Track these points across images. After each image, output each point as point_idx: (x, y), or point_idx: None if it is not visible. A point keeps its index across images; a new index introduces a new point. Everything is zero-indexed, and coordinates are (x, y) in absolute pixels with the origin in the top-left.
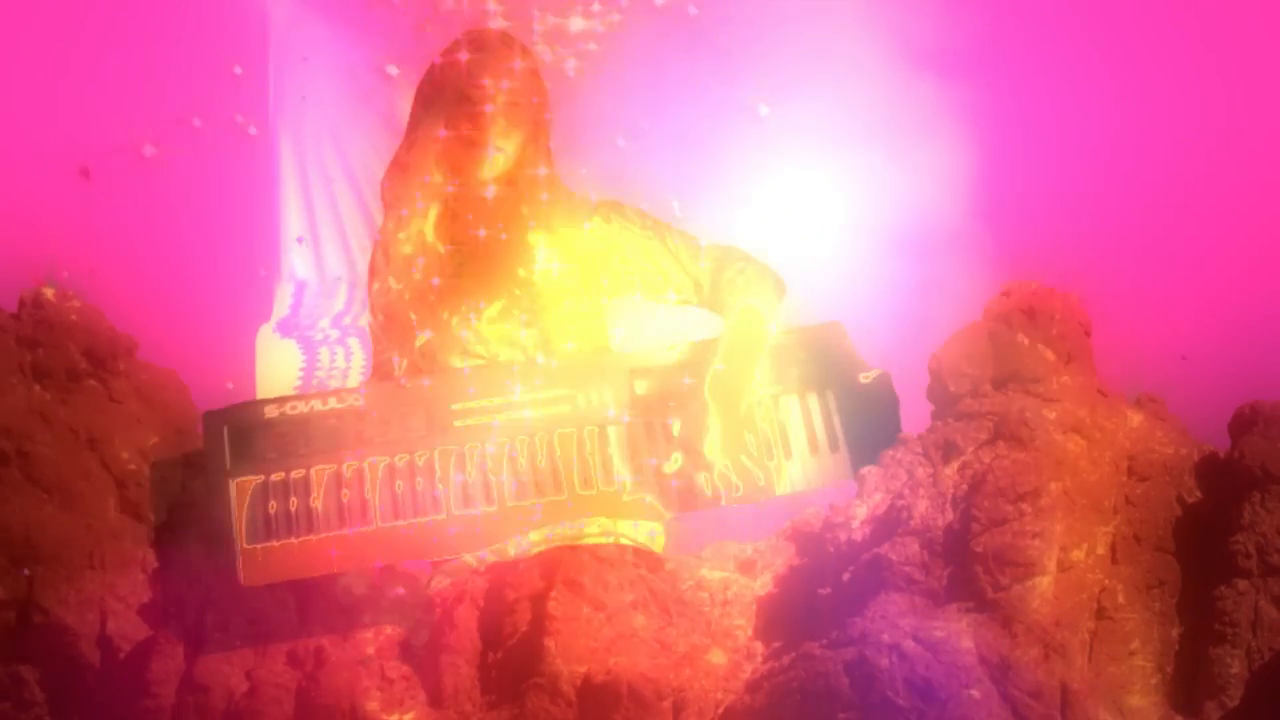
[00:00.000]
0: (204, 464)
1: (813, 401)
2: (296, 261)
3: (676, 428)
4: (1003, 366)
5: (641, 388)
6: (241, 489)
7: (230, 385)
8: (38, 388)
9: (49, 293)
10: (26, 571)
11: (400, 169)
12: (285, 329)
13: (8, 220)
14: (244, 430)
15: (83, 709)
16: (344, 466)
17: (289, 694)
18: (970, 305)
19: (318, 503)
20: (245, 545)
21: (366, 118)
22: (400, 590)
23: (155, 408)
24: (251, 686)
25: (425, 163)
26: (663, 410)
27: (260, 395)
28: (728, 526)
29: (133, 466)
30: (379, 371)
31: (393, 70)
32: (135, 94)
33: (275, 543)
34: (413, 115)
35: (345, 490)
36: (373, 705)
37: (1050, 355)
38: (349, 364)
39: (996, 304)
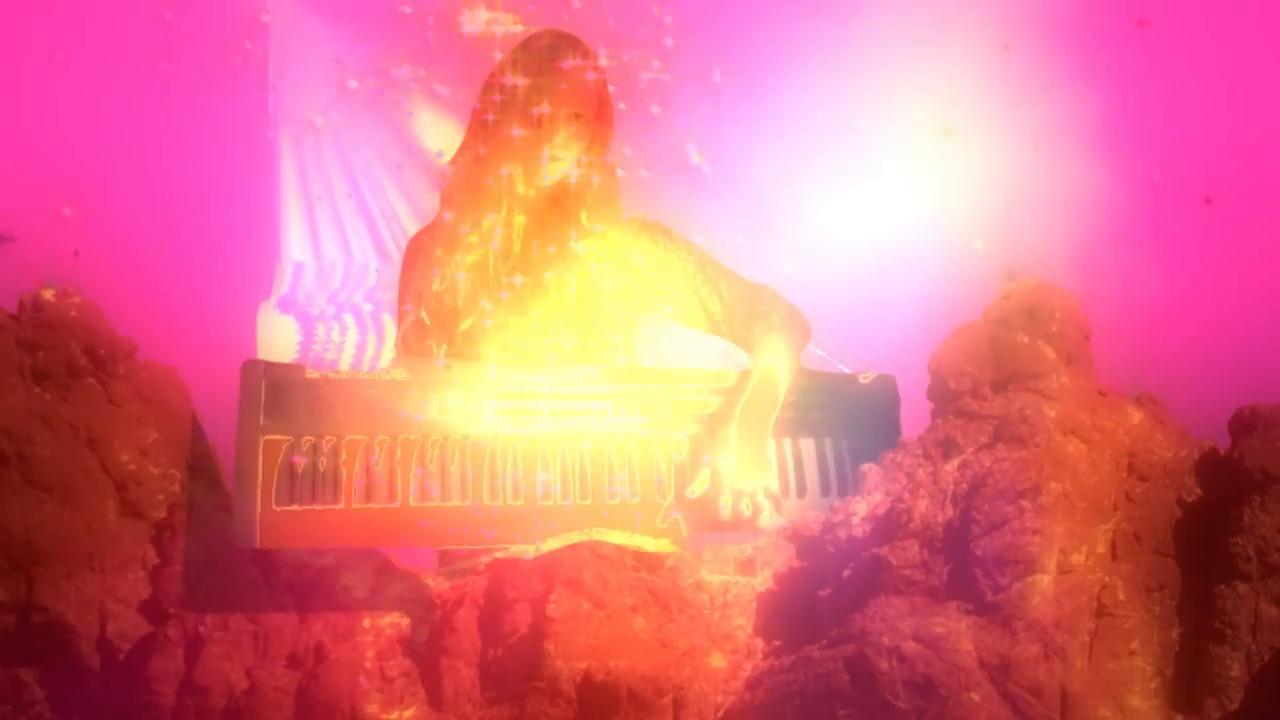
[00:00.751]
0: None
1: (828, 445)
2: (295, 246)
3: (706, 452)
4: (1003, 365)
5: (677, 407)
6: (271, 447)
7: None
8: (37, 389)
9: (49, 294)
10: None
11: (463, 174)
12: (284, 306)
13: (7, 220)
14: (282, 387)
15: (83, 709)
16: (376, 441)
17: (289, 694)
18: (970, 306)
19: (343, 473)
20: (267, 507)
21: (366, 117)
22: (400, 590)
23: (155, 406)
24: (251, 686)
25: (491, 168)
26: (693, 432)
27: None
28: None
29: (133, 467)
30: (408, 349)
31: (402, 71)
32: (136, 93)
33: (298, 507)
34: (476, 118)
35: (376, 465)
36: (373, 705)
37: (1050, 354)
38: (344, 338)
39: (997, 303)
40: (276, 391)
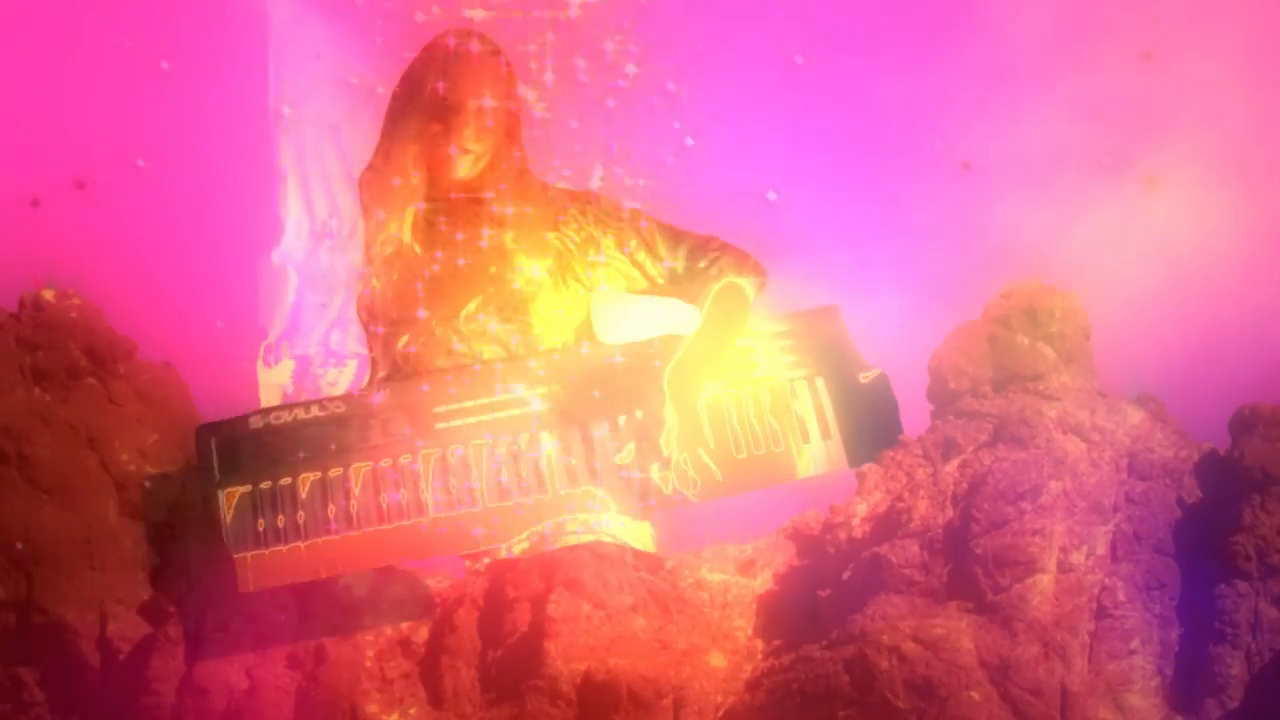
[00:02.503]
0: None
1: (820, 386)
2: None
3: (635, 420)
4: (1003, 366)
5: (616, 381)
6: (230, 499)
7: (220, 324)
8: (37, 389)
9: (49, 294)
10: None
11: (376, 171)
12: (278, 352)
13: (8, 220)
14: (231, 442)
15: (83, 709)
16: (329, 473)
17: (289, 694)
18: (970, 306)
19: (304, 510)
20: (237, 554)
21: (366, 116)
22: (400, 590)
23: (155, 407)
24: (251, 686)
25: (401, 165)
26: (629, 403)
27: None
28: (726, 523)
29: (132, 467)
30: (377, 364)
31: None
32: (136, 93)
33: (266, 550)
34: (388, 117)
35: (330, 497)
36: (373, 705)
37: (1050, 354)
38: (341, 373)
39: (996, 303)
40: (227, 447)
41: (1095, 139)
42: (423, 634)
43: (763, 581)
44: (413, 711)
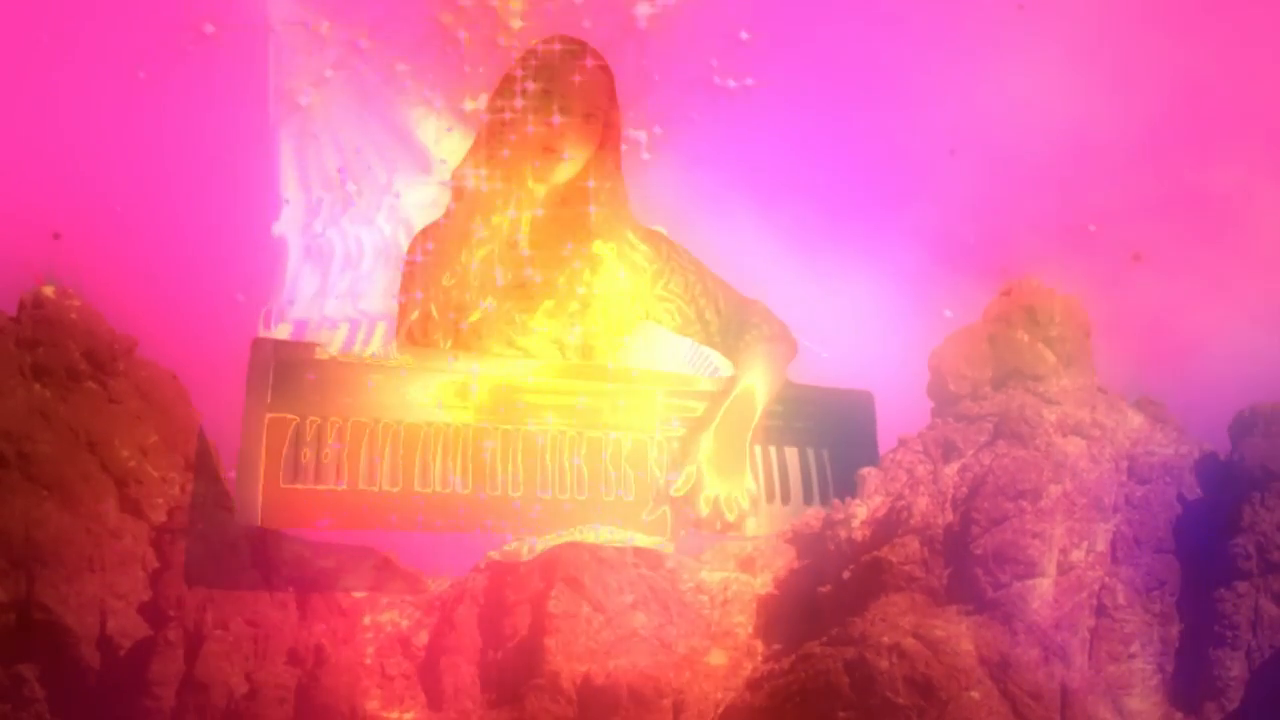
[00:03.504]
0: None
1: (812, 456)
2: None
3: (691, 453)
4: (1003, 366)
5: (668, 409)
6: (277, 426)
7: (241, 296)
8: (37, 388)
9: (49, 291)
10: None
11: (472, 169)
12: (281, 316)
13: (8, 220)
14: (291, 366)
15: (83, 708)
16: (380, 425)
17: (289, 694)
18: (970, 306)
19: (347, 455)
20: (271, 486)
21: (366, 115)
22: (400, 590)
23: (155, 407)
24: (251, 686)
25: (496, 166)
26: (682, 434)
27: None
28: None
29: (133, 464)
30: (412, 340)
31: (403, 68)
32: (135, 93)
33: (301, 486)
34: (492, 116)
35: (377, 450)
36: (373, 705)
37: (1050, 355)
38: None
39: (997, 303)
40: (285, 371)
41: None
42: (423, 634)
43: (763, 581)
44: (413, 714)
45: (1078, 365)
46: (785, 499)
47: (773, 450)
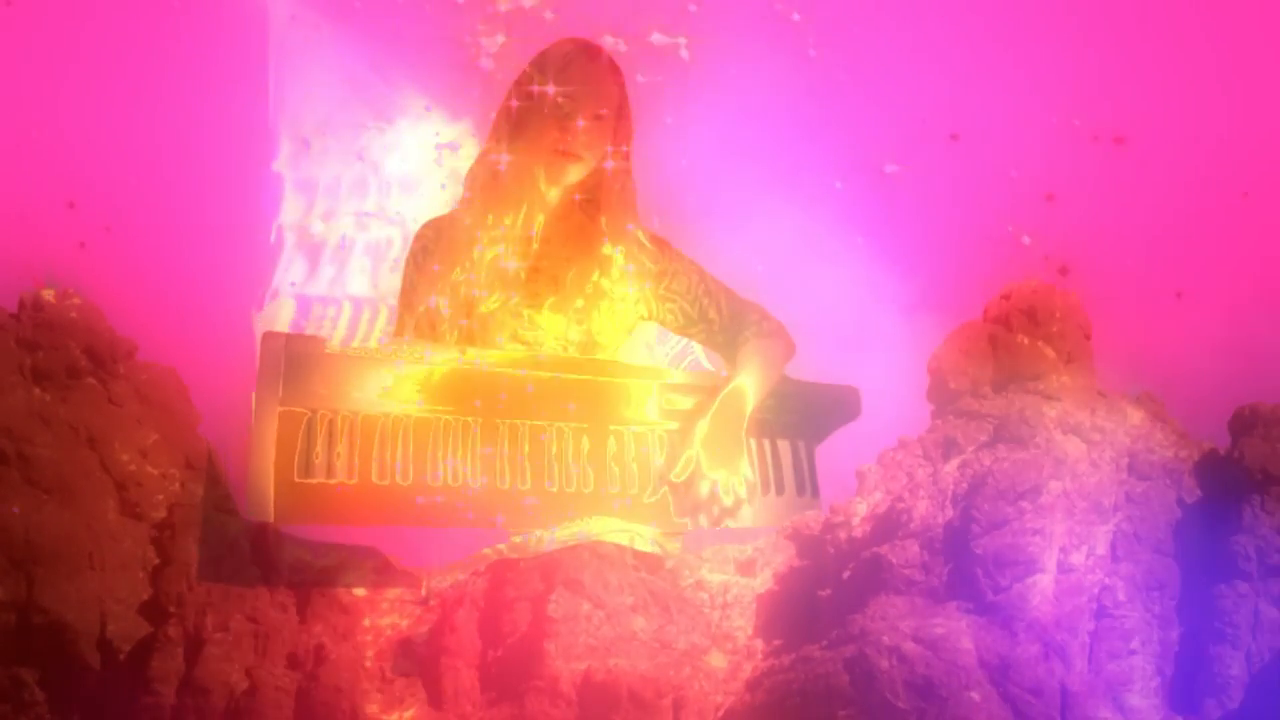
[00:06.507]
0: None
1: (803, 449)
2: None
3: (687, 441)
4: (1003, 365)
5: (671, 402)
6: (288, 420)
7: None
8: (37, 389)
9: (49, 294)
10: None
11: (484, 165)
12: (278, 295)
13: (8, 220)
14: (301, 360)
15: (83, 709)
16: (390, 419)
17: (289, 694)
18: (970, 306)
19: (359, 451)
20: (284, 481)
21: (365, 114)
22: (400, 590)
23: (155, 407)
24: (251, 686)
25: (510, 164)
26: (683, 426)
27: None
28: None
29: (132, 467)
30: (419, 334)
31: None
32: (136, 92)
33: (314, 482)
34: (500, 116)
35: (387, 444)
36: (373, 705)
37: (1050, 354)
38: (339, 318)
39: (997, 303)
40: (295, 364)
41: None
42: (423, 634)
43: (763, 581)
44: (412, 712)
45: (1077, 364)
46: (780, 490)
47: (766, 443)
